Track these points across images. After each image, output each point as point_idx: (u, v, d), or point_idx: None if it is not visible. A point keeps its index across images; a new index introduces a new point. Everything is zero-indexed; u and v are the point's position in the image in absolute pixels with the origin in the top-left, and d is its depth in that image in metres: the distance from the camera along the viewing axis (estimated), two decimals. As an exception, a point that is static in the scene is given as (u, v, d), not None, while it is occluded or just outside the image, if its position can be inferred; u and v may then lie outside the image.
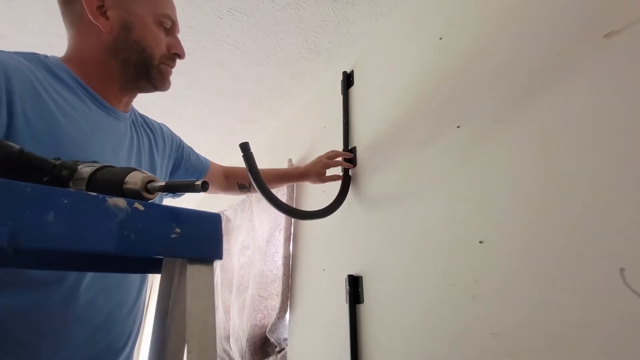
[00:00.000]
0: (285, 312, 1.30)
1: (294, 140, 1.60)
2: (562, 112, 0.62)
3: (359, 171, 1.13)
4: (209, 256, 0.33)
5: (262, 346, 1.38)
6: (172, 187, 0.33)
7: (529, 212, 0.63)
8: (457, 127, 0.81)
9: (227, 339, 1.59)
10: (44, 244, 0.25)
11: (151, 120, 0.79)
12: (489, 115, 0.75)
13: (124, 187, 0.32)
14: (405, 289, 0.85)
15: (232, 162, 1.25)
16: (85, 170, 0.33)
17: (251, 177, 0.88)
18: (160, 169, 0.76)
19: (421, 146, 0.91)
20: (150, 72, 0.64)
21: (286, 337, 1.31)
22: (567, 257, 0.56)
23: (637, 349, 0.47)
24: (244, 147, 0.87)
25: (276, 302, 1.31)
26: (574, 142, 0.59)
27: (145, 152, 0.71)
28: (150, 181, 0.33)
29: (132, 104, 0.72)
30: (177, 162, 0.85)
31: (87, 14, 0.58)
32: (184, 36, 1.16)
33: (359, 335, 0.95)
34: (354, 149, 1.17)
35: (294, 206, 1.39)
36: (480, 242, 0.70)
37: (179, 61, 0.70)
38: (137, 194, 0.32)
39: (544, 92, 0.66)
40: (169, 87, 0.69)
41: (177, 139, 0.86)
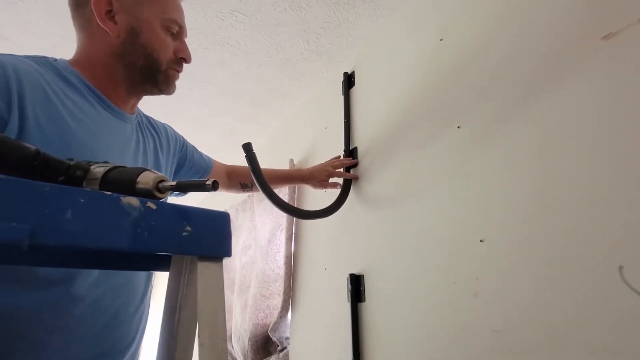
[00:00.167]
0: (287, 311, 1.31)
1: (295, 140, 1.61)
2: (561, 113, 0.63)
3: (360, 171, 1.14)
4: (218, 253, 0.34)
5: (264, 345, 1.39)
6: (183, 187, 0.34)
7: (529, 211, 0.64)
8: (458, 128, 0.82)
9: (229, 338, 1.60)
10: (62, 241, 0.26)
11: (155, 121, 0.80)
12: (489, 115, 0.76)
13: (136, 186, 0.33)
14: (406, 287, 0.86)
15: (233, 161, 1.26)
16: (98, 170, 0.34)
17: (254, 177, 0.89)
18: (165, 169, 0.77)
19: (422, 146, 0.92)
20: (157, 77, 0.65)
21: (288, 336, 1.32)
22: (567, 255, 0.57)
23: (636, 345, 0.48)
24: (247, 148, 0.88)
25: (278, 301, 1.32)
26: (573, 142, 0.60)
27: (150, 152, 0.72)
28: (161, 181, 0.34)
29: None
30: (181, 162, 0.86)
31: (96, 18, 0.60)
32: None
33: (361, 333, 0.96)
34: (355, 149, 1.18)
35: (296, 206, 1.39)
36: (480, 241, 0.71)
37: None
38: (149, 193, 0.33)
39: (544, 93, 0.67)
40: (174, 91, 0.70)
41: (180, 138, 0.87)
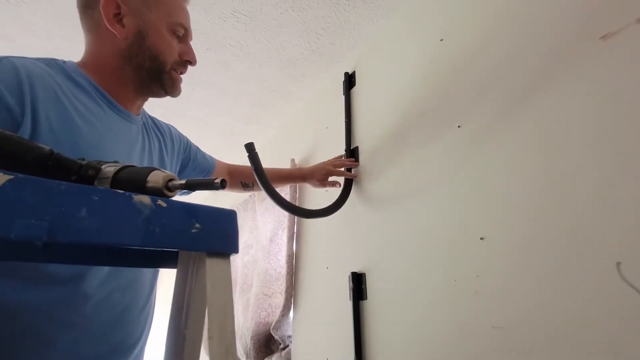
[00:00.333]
0: (289, 309, 1.32)
1: (296, 140, 1.62)
2: (561, 112, 0.64)
3: (362, 170, 1.15)
4: (226, 250, 0.35)
5: (266, 343, 1.40)
6: (192, 185, 0.35)
7: (529, 210, 0.65)
8: (458, 127, 0.83)
9: (232, 337, 1.61)
10: (78, 238, 0.27)
11: (160, 121, 0.81)
12: (489, 115, 0.77)
13: (146, 185, 0.34)
14: (408, 285, 0.87)
15: (234, 162, 1.27)
16: (109, 169, 0.35)
17: (256, 177, 0.90)
18: (170, 168, 0.78)
19: (422, 145, 0.93)
20: (161, 78, 0.67)
21: (290, 334, 1.33)
22: (566, 252, 0.58)
23: (635, 341, 0.49)
24: (250, 148, 0.89)
25: (280, 300, 1.33)
26: (573, 141, 0.61)
27: (155, 153, 0.73)
28: (170, 179, 0.35)
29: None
30: (185, 162, 0.87)
31: (104, 20, 0.61)
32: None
33: (363, 331, 0.97)
34: (356, 148, 1.19)
35: (297, 205, 1.40)
36: (481, 239, 0.72)
37: None
38: (159, 191, 0.34)
39: (543, 92, 0.67)
40: (179, 93, 0.71)
41: (184, 139, 0.88)
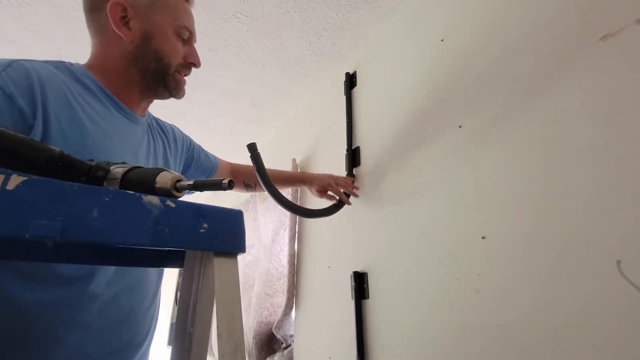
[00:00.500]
0: (291, 309, 1.32)
1: (298, 140, 1.63)
2: (561, 112, 0.64)
3: (363, 170, 1.15)
4: (234, 249, 0.36)
5: (269, 343, 1.41)
6: (200, 186, 0.36)
7: (529, 209, 0.66)
8: (459, 127, 0.84)
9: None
10: (89, 238, 0.28)
11: (164, 122, 0.82)
12: (489, 115, 0.78)
13: (155, 186, 0.35)
14: (409, 284, 0.87)
15: (236, 161, 1.27)
16: (117, 170, 0.36)
17: (259, 177, 0.91)
18: (173, 169, 0.79)
19: (423, 145, 0.93)
20: (166, 80, 0.68)
21: (292, 333, 1.34)
22: (567, 251, 0.59)
23: (636, 339, 0.50)
24: (252, 148, 0.90)
25: (282, 299, 1.34)
26: (573, 141, 0.62)
27: (160, 153, 0.74)
28: (178, 180, 0.36)
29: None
30: (188, 162, 0.88)
31: (110, 23, 0.61)
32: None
33: (365, 330, 0.97)
34: (357, 148, 1.20)
35: (299, 205, 1.41)
36: (482, 238, 0.73)
37: None
38: (167, 192, 0.35)
39: (543, 93, 0.68)
40: (183, 95, 0.72)
41: (187, 139, 0.89)
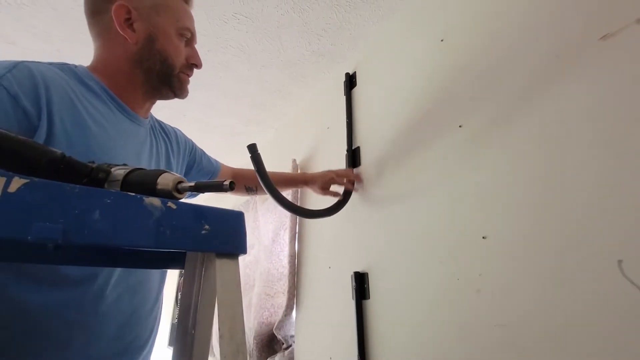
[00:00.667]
0: (291, 309, 1.32)
1: (298, 141, 1.63)
2: (561, 112, 0.64)
3: (363, 170, 1.15)
4: (235, 250, 0.36)
5: (269, 343, 1.41)
6: (201, 187, 0.36)
7: (530, 208, 0.66)
8: (459, 127, 0.84)
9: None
10: (91, 240, 0.28)
11: (166, 125, 0.83)
12: (490, 114, 0.78)
13: (156, 187, 0.35)
14: (410, 284, 0.87)
15: (235, 162, 1.28)
16: (118, 172, 0.36)
17: (259, 178, 0.91)
18: (175, 171, 0.79)
19: (424, 145, 0.93)
20: (171, 81, 0.68)
21: (293, 334, 1.34)
22: (568, 250, 0.59)
23: (635, 337, 0.50)
24: (252, 149, 0.90)
25: (282, 300, 1.34)
26: (574, 140, 0.62)
27: (162, 155, 0.75)
28: (180, 182, 0.36)
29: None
30: (190, 165, 0.88)
31: (114, 25, 0.62)
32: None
33: (366, 330, 0.97)
34: (358, 148, 1.20)
35: (299, 205, 1.41)
36: (483, 238, 0.73)
37: None
38: (169, 194, 0.35)
39: (544, 92, 0.68)
40: (187, 95, 0.73)
41: (189, 142, 0.89)
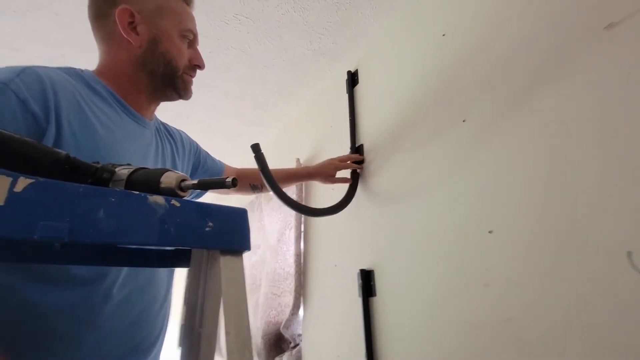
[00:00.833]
0: (298, 308, 1.33)
1: (301, 140, 1.63)
2: (567, 103, 0.64)
3: (367, 168, 1.15)
4: (239, 247, 0.36)
5: (277, 342, 1.41)
6: (204, 185, 0.36)
7: (536, 201, 0.65)
8: (463, 121, 0.83)
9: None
10: (96, 238, 0.28)
11: (171, 127, 0.84)
12: (494, 108, 0.77)
13: (160, 186, 0.35)
14: (416, 280, 0.87)
15: (239, 163, 1.28)
16: (123, 172, 0.36)
17: (263, 177, 0.91)
18: (181, 172, 0.80)
19: (427, 141, 0.93)
20: (175, 82, 0.69)
21: (300, 332, 1.34)
22: (576, 243, 0.58)
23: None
24: (255, 148, 0.90)
25: (289, 299, 1.34)
26: (580, 132, 0.61)
27: (168, 157, 0.76)
28: (183, 180, 0.36)
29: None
30: (195, 166, 0.89)
31: (118, 29, 0.63)
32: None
33: (373, 327, 0.97)
34: (361, 146, 1.19)
35: (304, 204, 1.41)
36: (489, 232, 0.72)
37: None
38: (172, 192, 0.35)
39: (548, 84, 0.67)
40: (191, 95, 0.74)
41: (194, 144, 0.90)
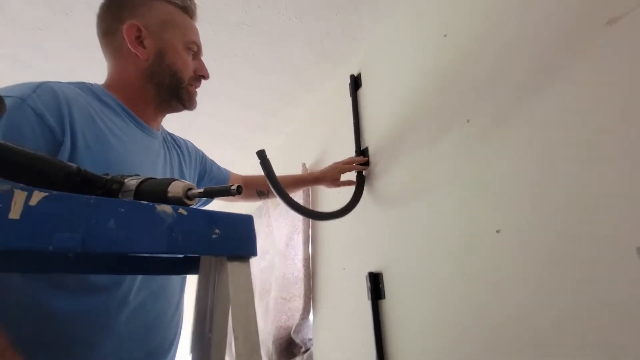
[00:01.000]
0: (308, 312, 1.33)
1: (306, 144, 1.64)
2: (572, 100, 0.63)
3: (373, 170, 1.15)
4: (246, 253, 0.37)
5: (288, 347, 1.41)
6: (210, 193, 0.37)
7: (543, 199, 0.65)
8: (467, 121, 0.83)
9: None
10: (108, 248, 0.29)
11: (177, 136, 0.86)
12: (498, 107, 0.77)
13: (167, 195, 0.36)
14: (425, 281, 0.87)
15: (246, 170, 1.29)
16: (131, 182, 0.37)
17: (269, 183, 0.92)
18: (188, 180, 0.81)
19: (432, 142, 0.93)
20: (180, 93, 0.71)
21: (311, 337, 1.34)
22: (585, 240, 0.58)
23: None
24: (261, 155, 0.91)
25: (299, 303, 1.34)
26: (586, 129, 0.61)
27: (175, 166, 0.78)
28: (189, 189, 0.37)
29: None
30: (202, 174, 0.91)
31: (126, 44, 0.65)
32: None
33: (383, 329, 0.97)
34: (366, 149, 1.20)
35: (311, 208, 1.42)
36: (497, 232, 0.72)
37: None
38: (179, 200, 0.36)
39: (552, 81, 0.67)
40: (196, 106, 0.75)
41: (200, 153, 0.92)
